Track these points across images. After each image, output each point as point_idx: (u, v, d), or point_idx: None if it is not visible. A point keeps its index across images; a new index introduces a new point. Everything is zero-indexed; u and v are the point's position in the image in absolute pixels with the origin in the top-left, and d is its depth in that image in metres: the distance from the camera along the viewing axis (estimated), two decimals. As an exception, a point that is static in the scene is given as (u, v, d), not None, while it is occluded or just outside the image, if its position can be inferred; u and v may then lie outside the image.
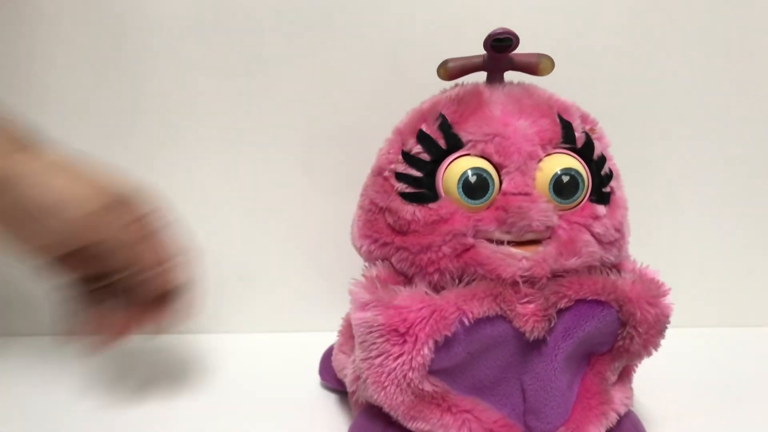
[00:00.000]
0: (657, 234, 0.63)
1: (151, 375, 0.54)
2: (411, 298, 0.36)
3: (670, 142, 0.62)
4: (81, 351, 0.48)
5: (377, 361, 0.36)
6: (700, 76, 0.61)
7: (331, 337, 0.50)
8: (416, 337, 0.35)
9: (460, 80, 0.42)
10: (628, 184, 0.43)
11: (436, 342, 0.36)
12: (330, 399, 0.50)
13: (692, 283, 0.64)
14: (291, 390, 0.51)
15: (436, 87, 0.43)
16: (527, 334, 0.37)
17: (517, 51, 0.40)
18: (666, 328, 0.39)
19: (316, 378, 0.52)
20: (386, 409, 0.38)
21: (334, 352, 0.47)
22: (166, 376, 0.54)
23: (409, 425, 0.38)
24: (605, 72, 0.60)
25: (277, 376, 0.53)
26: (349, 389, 0.43)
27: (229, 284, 0.62)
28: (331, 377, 0.49)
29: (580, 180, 0.38)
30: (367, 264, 0.41)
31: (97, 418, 0.47)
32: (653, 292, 0.38)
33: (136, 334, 0.48)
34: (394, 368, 0.36)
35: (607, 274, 0.39)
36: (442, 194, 0.38)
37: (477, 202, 0.37)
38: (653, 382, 0.50)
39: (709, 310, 0.65)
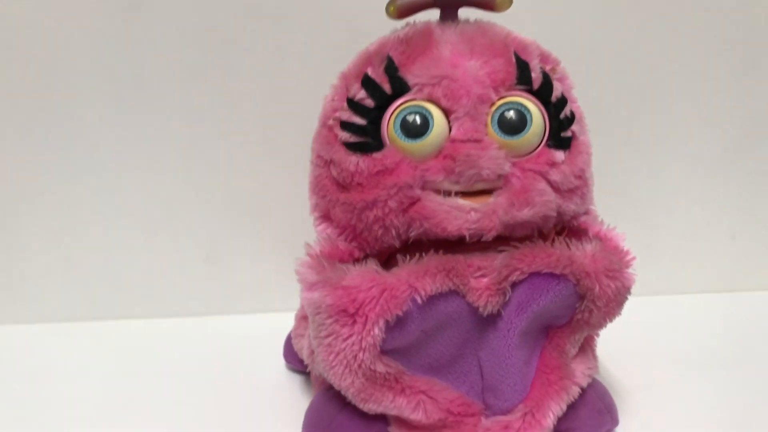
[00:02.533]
0: (637, 197, 0.62)
1: (116, 359, 0.54)
2: (360, 277, 0.35)
3: (650, 101, 0.60)
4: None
5: (326, 341, 0.35)
6: (683, 33, 0.59)
7: (297, 318, 0.48)
8: (366, 318, 0.34)
9: (411, 19, 0.39)
10: (606, 146, 0.40)
11: (387, 322, 0.34)
12: (294, 381, 0.49)
13: (674, 248, 0.63)
14: (256, 372, 0.50)
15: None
16: (481, 309, 0.35)
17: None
18: (626, 299, 0.37)
19: (280, 360, 0.51)
20: (337, 388, 0.36)
21: (292, 336, 0.46)
22: (131, 360, 0.53)
23: (362, 407, 0.36)
24: (583, 26, 0.57)
25: (243, 358, 0.52)
26: (306, 363, 0.42)
27: (194, 266, 0.61)
28: (294, 359, 0.47)
29: (527, 114, 0.35)
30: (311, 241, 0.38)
31: (60, 402, 0.47)
32: (614, 264, 0.36)
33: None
34: (344, 349, 0.34)
35: (567, 244, 0.36)
36: (387, 143, 0.35)
37: (416, 141, 0.34)
38: (628, 352, 0.49)
39: (692, 276, 0.63)
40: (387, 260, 0.38)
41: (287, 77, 0.58)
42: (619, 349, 0.48)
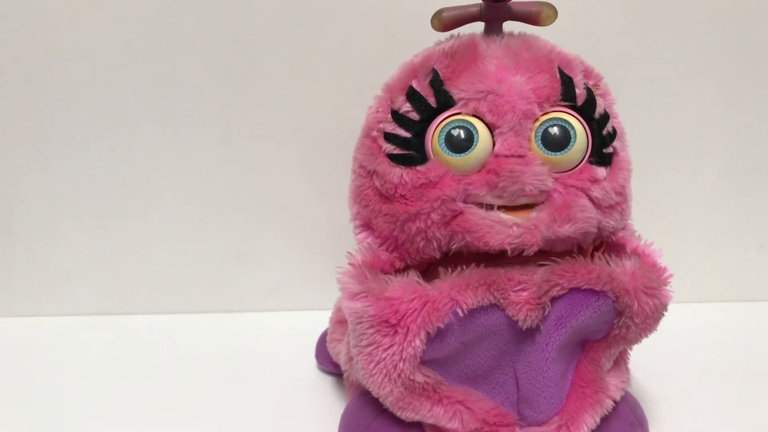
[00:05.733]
0: (667, 207, 0.62)
1: (146, 353, 0.55)
2: (403, 288, 0.35)
3: (681, 111, 0.60)
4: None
5: (367, 350, 0.35)
6: (716, 42, 0.58)
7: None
8: (408, 329, 0.34)
9: (455, 31, 0.39)
10: (637, 155, 0.40)
11: (428, 333, 0.34)
12: (327, 382, 0.49)
13: (702, 257, 0.63)
14: (287, 371, 0.50)
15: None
16: (520, 323, 0.35)
17: (517, -1, 0.37)
18: (663, 315, 0.37)
19: (312, 359, 0.51)
20: (375, 395, 0.37)
21: (327, 340, 0.46)
22: (162, 354, 0.54)
23: (399, 415, 0.37)
24: (621, 40, 0.58)
25: (274, 357, 0.53)
26: (343, 369, 0.42)
27: (227, 263, 0.62)
28: (327, 361, 0.48)
29: (570, 131, 0.35)
30: (352, 250, 0.39)
31: (93, 397, 0.48)
32: (653, 282, 0.36)
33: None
34: (384, 358, 0.35)
35: (607, 260, 0.36)
36: (431, 156, 0.36)
37: (460, 155, 0.35)
38: (658, 362, 0.49)
39: (719, 285, 0.64)
40: (426, 270, 0.39)
41: (320, 81, 0.58)
42: (649, 359, 0.48)
